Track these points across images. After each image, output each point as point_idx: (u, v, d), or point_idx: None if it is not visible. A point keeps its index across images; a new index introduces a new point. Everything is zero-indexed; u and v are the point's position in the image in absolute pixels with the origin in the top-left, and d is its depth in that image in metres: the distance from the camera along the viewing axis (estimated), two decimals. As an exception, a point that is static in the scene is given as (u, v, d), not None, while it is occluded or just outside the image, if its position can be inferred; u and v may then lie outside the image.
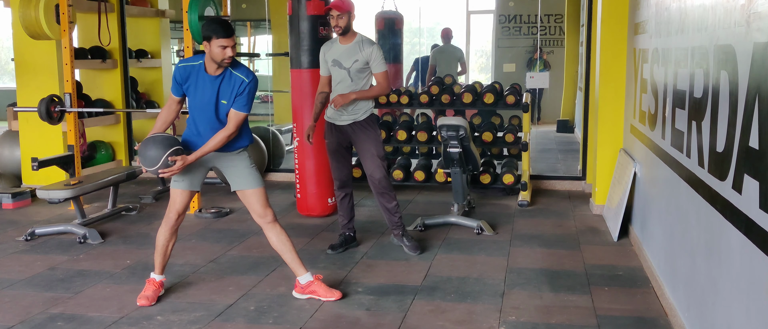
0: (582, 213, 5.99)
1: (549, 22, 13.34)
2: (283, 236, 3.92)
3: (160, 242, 3.94)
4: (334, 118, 4.73)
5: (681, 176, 3.48)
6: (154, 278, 3.97)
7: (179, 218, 3.90)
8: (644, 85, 4.69)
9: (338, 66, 4.66)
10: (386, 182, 4.74)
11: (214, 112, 3.73)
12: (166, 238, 3.93)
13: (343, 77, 4.66)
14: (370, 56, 4.62)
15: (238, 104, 3.71)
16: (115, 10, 7.28)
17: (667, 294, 3.74)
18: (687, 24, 3.43)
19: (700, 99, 3.11)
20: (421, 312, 3.73)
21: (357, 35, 4.67)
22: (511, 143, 6.85)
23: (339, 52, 4.67)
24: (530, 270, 4.45)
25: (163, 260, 3.97)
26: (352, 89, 4.64)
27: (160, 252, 3.94)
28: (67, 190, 5.24)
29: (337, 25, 4.56)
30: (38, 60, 6.84)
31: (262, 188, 3.89)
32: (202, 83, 3.72)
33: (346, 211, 4.93)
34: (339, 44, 4.68)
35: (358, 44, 4.65)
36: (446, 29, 10.34)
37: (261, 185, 3.89)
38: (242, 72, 3.73)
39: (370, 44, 4.66)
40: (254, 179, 3.88)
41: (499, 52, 13.72)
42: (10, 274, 4.42)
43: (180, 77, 3.76)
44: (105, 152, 7.36)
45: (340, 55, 4.66)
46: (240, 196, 3.90)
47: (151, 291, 3.91)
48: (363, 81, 4.70)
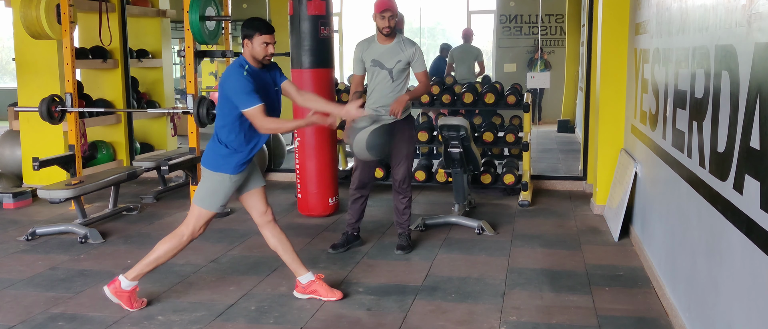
0: (583, 213, 5.99)
1: (550, 22, 13.34)
2: (282, 236, 3.92)
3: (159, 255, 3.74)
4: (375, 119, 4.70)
5: (682, 176, 3.48)
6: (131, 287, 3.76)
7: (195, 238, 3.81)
8: (645, 85, 4.69)
9: (379, 66, 4.64)
10: (408, 183, 4.80)
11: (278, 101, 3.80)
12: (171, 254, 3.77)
13: (384, 78, 4.65)
14: (413, 56, 4.64)
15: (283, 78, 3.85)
16: (116, 10, 7.28)
17: (668, 294, 3.74)
18: (688, 24, 3.43)
19: (701, 99, 3.11)
20: (421, 312, 3.73)
21: (397, 35, 4.67)
22: (511, 143, 6.85)
23: (379, 52, 4.64)
24: (531, 270, 4.45)
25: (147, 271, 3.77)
26: (393, 89, 4.65)
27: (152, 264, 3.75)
28: (68, 190, 5.24)
29: (387, 26, 4.55)
30: (39, 60, 6.84)
31: (264, 186, 3.94)
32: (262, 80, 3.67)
33: (357, 212, 4.91)
34: (378, 44, 4.66)
35: (399, 44, 4.65)
36: (467, 29, 10.44)
37: (264, 183, 3.95)
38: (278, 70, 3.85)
39: (412, 44, 4.68)
40: (260, 177, 3.94)
41: (500, 52, 13.72)
42: (11, 274, 4.43)
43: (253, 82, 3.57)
44: (106, 152, 7.36)
45: (380, 55, 4.64)
46: (245, 196, 3.89)
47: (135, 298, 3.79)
48: (403, 81, 4.72)
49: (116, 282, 3.77)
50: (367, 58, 4.67)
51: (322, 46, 5.70)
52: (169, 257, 3.79)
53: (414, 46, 4.66)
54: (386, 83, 4.65)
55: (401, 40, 4.67)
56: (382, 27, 4.58)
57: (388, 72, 4.63)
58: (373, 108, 4.62)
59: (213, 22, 6.17)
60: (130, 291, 3.77)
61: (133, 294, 3.79)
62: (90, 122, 6.86)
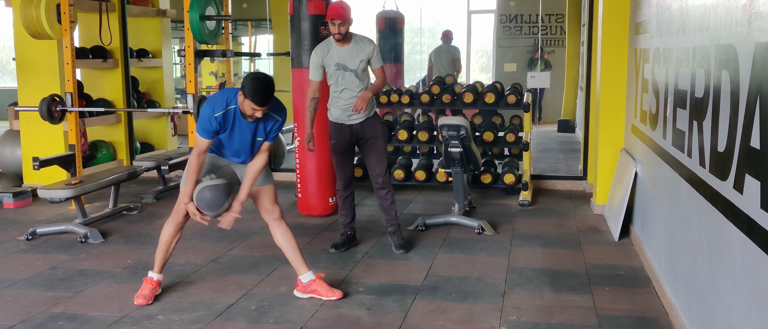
0: (583, 213, 5.99)
1: (550, 21, 13.34)
2: (288, 233, 3.96)
3: (165, 239, 3.95)
4: (341, 119, 4.74)
5: (682, 176, 3.48)
6: (152, 277, 3.97)
7: (186, 218, 3.93)
8: (645, 85, 4.69)
9: (343, 69, 4.65)
10: (388, 178, 4.83)
11: (250, 147, 3.80)
12: (171, 235, 3.95)
13: (351, 79, 4.67)
14: (372, 53, 4.69)
15: (271, 138, 3.81)
16: (117, 10, 7.28)
17: (668, 293, 3.74)
18: (688, 24, 3.43)
19: (701, 99, 3.11)
20: (422, 312, 3.73)
21: (353, 36, 4.69)
22: (512, 143, 6.85)
23: (341, 55, 4.66)
24: (531, 269, 4.45)
25: (164, 258, 3.98)
26: (360, 87, 4.69)
27: (163, 249, 3.95)
28: (68, 189, 5.25)
29: (338, 33, 4.56)
30: (39, 59, 6.84)
31: (273, 184, 3.97)
32: (239, 125, 3.70)
33: (349, 210, 4.96)
34: (337, 47, 4.66)
35: (357, 45, 4.67)
36: (446, 31, 10.60)
37: (273, 182, 3.99)
38: (277, 110, 3.75)
39: (369, 42, 4.72)
40: (270, 175, 3.97)
41: (500, 51, 13.72)
42: (11, 273, 4.43)
43: (217, 125, 3.65)
44: (106, 152, 7.36)
45: (343, 58, 4.65)
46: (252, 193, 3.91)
47: (148, 290, 3.91)
48: (366, 79, 4.76)
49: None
50: (329, 63, 4.66)
51: (323, 46, 5.69)
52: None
53: (372, 44, 4.70)
54: (355, 84, 4.67)
55: (358, 40, 4.68)
56: (333, 33, 4.59)
57: (353, 73, 4.65)
58: (343, 108, 4.69)
59: (213, 22, 6.18)
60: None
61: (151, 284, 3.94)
62: (90, 122, 6.86)
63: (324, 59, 4.69)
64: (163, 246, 3.96)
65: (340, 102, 4.72)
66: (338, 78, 4.69)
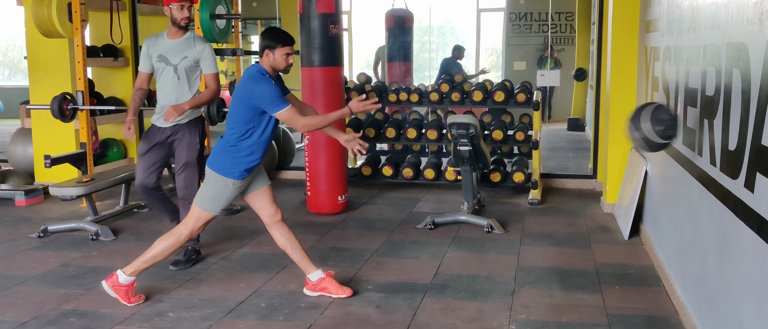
0: (593, 212, 5.98)
1: (560, 19, 13.30)
2: (290, 235, 3.93)
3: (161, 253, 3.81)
4: (157, 119, 4.46)
5: (693, 174, 3.46)
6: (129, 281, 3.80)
7: None
8: (656, 83, 4.67)
9: (164, 62, 4.33)
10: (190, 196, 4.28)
11: None
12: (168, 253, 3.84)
13: (169, 75, 4.34)
14: (202, 54, 4.35)
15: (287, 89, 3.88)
16: (127, 9, 7.31)
17: (678, 292, 3.73)
18: (699, 22, 3.41)
19: (712, 97, 3.09)
20: (431, 310, 3.74)
21: (190, 31, 4.40)
22: (521, 142, 6.83)
23: (167, 47, 4.34)
24: (541, 268, 4.44)
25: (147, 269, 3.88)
26: (176, 88, 4.35)
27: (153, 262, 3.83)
28: (80, 187, 5.28)
29: (186, 17, 4.26)
30: (51, 58, 6.88)
31: (270, 186, 3.96)
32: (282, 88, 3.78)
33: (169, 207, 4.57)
34: (167, 39, 4.36)
35: (189, 40, 4.36)
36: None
37: (269, 183, 3.97)
38: None
39: (203, 42, 4.40)
40: (265, 177, 3.96)
41: (510, 50, 13.70)
42: (23, 270, 4.46)
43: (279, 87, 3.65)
44: (117, 150, 7.40)
45: (167, 50, 4.34)
46: (251, 197, 3.90)
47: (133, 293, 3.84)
48: (190, 82, 4.39)
49: (114, 276, 3.81)
50: (154, 53, 4.35)
51: (332, 45, 5.71)
52: (167, 255, 3.84)
53: (205, 44, 4.38)
54: (171, 82, 4.33)
55: (193, 36, 4.37)
56: (180, 18, 4.25)
57: (173, 69, 4.32)
58: (159, 108, 4.40)
59: (223, 21, 6.19)
60: (128, 286, 3.81)
61: (130, 289, 3.83)
62: (101, 120, 6.90)
63: (150, 49, 4.36)
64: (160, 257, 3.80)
65: (158, 98, 4.39)
66: (159, 72, 4.37)
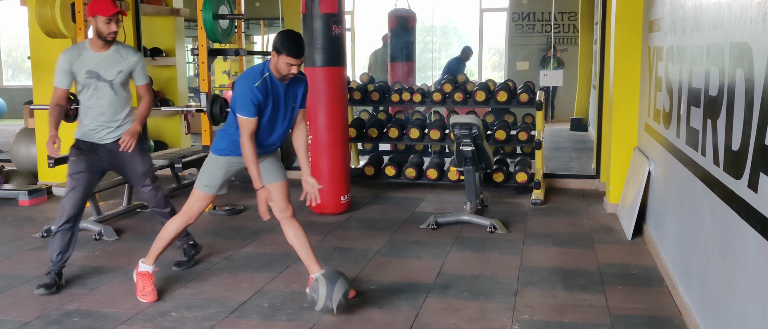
0: (596, 212, 5.97)
1: (563, 19, 13.29)
2: (300, 232, 3.94)
3: (169, 233, 3.94)
4: (89, 136, 4.16)
5: (696, 174, 3.46)
6: (147, 270, 3.94)
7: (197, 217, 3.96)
8: (659, 83, 4.66)
9: (96, 78, 4.05)
10: (163, 199, 4.37)
11: (286, 118, 3.77)
12: (177, 231, 3.95)
13: (106, 91, 4.08)
14: (136, 66, 4.15)
15: (303, 103, 3.84)
16: (130, 9, 7.32)
17: (682, 293, 3.72)
18: (702, 22, 3.41)
19: (715, 97, 3.09)
20: (434, 310, 3.74)
21: (115, 43, 4.11)
22: (524, 142, 6.83)
23: (95, 61, 4.04)
24: (543, 268, 4.44)
25: (161, 251, 3.97)
26: (114, 104, 4.11)
27: (164, 243, 3.94)
28: (83, 187, 5.28)
29: (112, 32, 3.99)
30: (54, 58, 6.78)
31: (286, 181, 3.95)
32: (275, 93, 3.67)
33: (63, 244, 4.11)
34: (92, 52, 4.05)
35: (118, 52, 4.11)
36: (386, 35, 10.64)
37: (286, 178, 3.96)
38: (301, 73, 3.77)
39: (134, 52, 4.19)
40: (283, 171, 3.96)
41: (513, 50, 13.69)
42: (26, 270, 4.47)
43: (261, 95, 3.58)
44: (120, 150, 7.40)
45: (97, 65, 4.04)
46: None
47: (149, 288, 3.91)
48: (126, 95, 4.20)
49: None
50: (80, 69, 4.02)
51: (335, 45, 5.72)
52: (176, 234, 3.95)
53: (136, 54, 4.17)
54: (108, 98, 4.08)
55: (120, 47, 4.11)
56: (107, 33, 3.97)
57: (108, 85, 4.07)
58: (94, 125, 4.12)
59: (226, 21, 6.20)
60: (142, 274, 3.91)
61: (143, 278, 3.93)
62: (104, 120, 6.89)
63: (73, 65, 4.03)
64: (165, 240, 3.95)
65: (90, 117, 4.11)
66: (90, 88, 4.07)
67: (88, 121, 4.15)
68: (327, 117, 5.81)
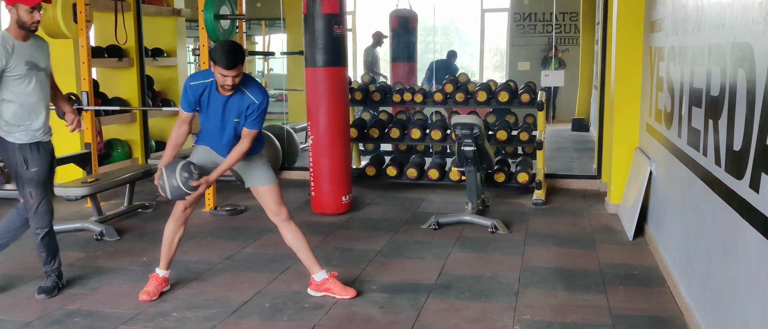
0: (597, 212, 5.97)
1: (564, 20, 13.28)
2: (298, 233, 3.93)
3: (167, 235, 3.98)
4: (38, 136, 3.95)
5: (697, 175, 3.45)
6: (158, 273, 4.00)
7: (186, 211, 3.94)
8: (660, 83, 4.66)
9: (35, 68, 3.87)
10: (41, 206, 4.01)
11: (226, 128, 3.79)
12: (173, 230, 3.97)
13: (42, 81, 3.92)
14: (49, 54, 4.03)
15: (250, 124, 3.74)
16: (132, 9, 7.33)
17: (683, 293, 3.72)
18: (704, 22, 3.40)
19: (716, 97, 3.09)
20: (435, 310, 3.73)
21: None
22: (525, 142, 6.83)
23: (28, 51, 3.84)
24: (545, 268, 4.44)
25: (169, 254, 4.00)
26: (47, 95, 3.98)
27: (167, 246, 3.98)
28: (84, 187, 5.29)
29: (35, 22, 3.78)
30: (55, 58, 6.77)
31: (275, 185, 3.91)
32: (214, 100, 3.73)
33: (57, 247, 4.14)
34: (21, 42, 3.82)
35: (39, 41, 3.97)
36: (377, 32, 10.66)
37: (274, 182, 3.92)
38: (254, 92, 3.71)
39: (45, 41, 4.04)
40: (268, 176, 3.91)
41: (514, 50, 13.68)
42: (28, 270, 4.47)
43: (193, 95, 3.74)
44: (121, 150, 7.42)
45: (31, 54, 3.85)
46: (254, 194, 3.94)
47: (152, 287, 3.95)
48: None
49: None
50: (19, 61, 3.78)
51: (336, 45, 5.72)
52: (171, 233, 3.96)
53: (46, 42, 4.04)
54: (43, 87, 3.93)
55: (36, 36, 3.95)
56: (30, 22, 3.77)
57: (44, 73, 3.94)
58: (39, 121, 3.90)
59: (227, 21, 6.20)
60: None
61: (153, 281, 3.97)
62: (106, 121, 6.92)
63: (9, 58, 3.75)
64: (166, 243, 3.98)
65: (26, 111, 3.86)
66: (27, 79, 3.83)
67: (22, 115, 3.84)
68: (328, 117, 5.81)
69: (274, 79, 13.37)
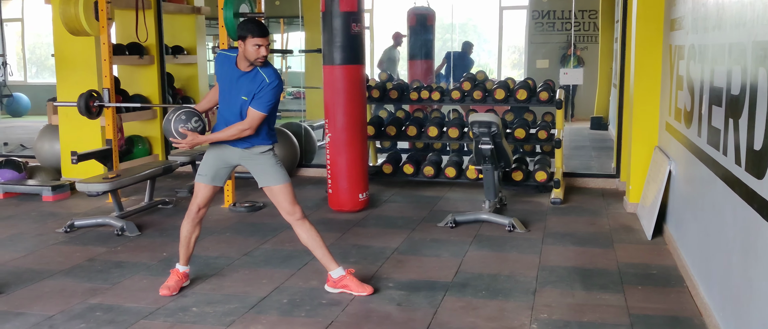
0: (615, 211, 5.94)
1: (583, 17, 13.19)
2: (312, 232, 3.94)
3: (184, 235, 4.01)
4: None
5: (717, 174, 3.43)
6: (179, 268, 4.05)
7: (200, 211, 3.96)
8: (680, 82, 4.63)
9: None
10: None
11: (234, 105, 3.80)
12: (189, 230, 4.00)
13: None
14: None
15: (257, 103, 3.73)
16: (152, 7, 7.40)
17: (702, 293, 3.69)
18: (724, 20, 3.38)
19: (737, 96, 3.06)
20: (452, 309, 3.74)
21: None
22: (544, 140, 6.81)
23: None
24: (562, 267, 4.43)
25: (187, 252, 4.04)
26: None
27: (184, 244, 4.02)
28: (106, 183, 5.36)
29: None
30: (77, 56, 6.99)
31: (287, 184, 3.90)
32: (230, 75, 3.81)
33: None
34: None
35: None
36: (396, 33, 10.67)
37: (286, 181, 3.90)
38: (268, 73, 3.76)
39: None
40: (280, 175, 3.89)
41: (532, 48, 13.61)
42: (50, 265, 4.54)
43: (218, 63, 3.88)
44: (142, 147, 7.49)
45: None
46: (267, 193, 3.94)
47: (173, 282, 4.00)
48: None
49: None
50: None
51: (354, 43, 5.74)
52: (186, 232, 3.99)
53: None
54: None
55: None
56: None
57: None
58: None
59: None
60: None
61: (174, 276, 4.01)
62: (127, 117, 6.99)
63: None
64: (183, 241, 4.02)
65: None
66: None
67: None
68: (345, 115, 5.83)
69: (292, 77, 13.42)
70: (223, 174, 3.99)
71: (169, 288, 3.96)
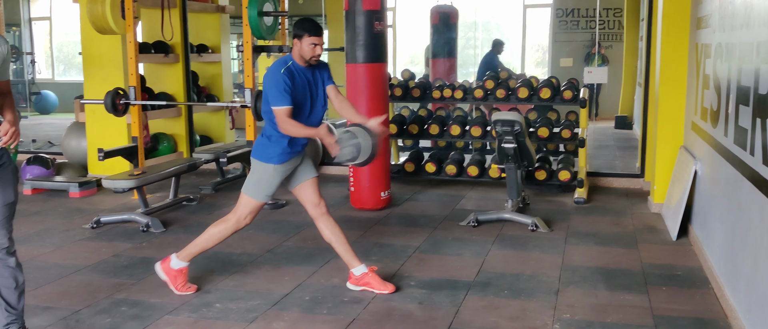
0: (640, 211, 5.88)
1: (607, 16, 13.08)
2: (336, 228, 3.98)
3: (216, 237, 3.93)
4: None
5: (744, 174, 3.39)
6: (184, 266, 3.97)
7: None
8: (706, 81, 4.57)
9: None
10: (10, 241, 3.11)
11: (317, 105, 3.84)
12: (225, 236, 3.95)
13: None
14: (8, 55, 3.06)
15: (332, 80, 3.92)
16: (178, 6, 7.46)
17: (728, 295, 3.65)
18: (752, 18, 3.33)
19: (765, 95, 3.02)
20: (473, 308, 3.74)
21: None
22: (567, 139, 6.76)
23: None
24: (586, 268, 4.40)
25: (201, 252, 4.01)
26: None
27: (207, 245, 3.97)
28: (131, 180, 5.43)
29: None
30: (104, 54, 7.08)
31: (316, 178, 4.00)
32: (303, 78, 3.76)
33: None
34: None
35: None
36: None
37: (316, 174, 4.01)
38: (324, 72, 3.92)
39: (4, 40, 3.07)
40: (311, 168, 4.01)
41: (556, 46, 13.52)
42: (77, 260, 4.61)
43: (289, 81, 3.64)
44: (167, 144, 7.57)
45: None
46: (297, 189, 3.98)
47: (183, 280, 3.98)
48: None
49: (167, 260, 3.98)
50: None
51: (377, 41, 5.74)
52: (217, 241, 3.95)
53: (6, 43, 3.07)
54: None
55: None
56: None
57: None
58: None
59: (270, 18, 6.28)
60: (177, 271, 3.94)
61: (179, 275, 3.96)
62: (152, 115, 7.07)
63: None
64: (210, 242, 3.94)
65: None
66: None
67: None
68: (368, 113, 5.82)
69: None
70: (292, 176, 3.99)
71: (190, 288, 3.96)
